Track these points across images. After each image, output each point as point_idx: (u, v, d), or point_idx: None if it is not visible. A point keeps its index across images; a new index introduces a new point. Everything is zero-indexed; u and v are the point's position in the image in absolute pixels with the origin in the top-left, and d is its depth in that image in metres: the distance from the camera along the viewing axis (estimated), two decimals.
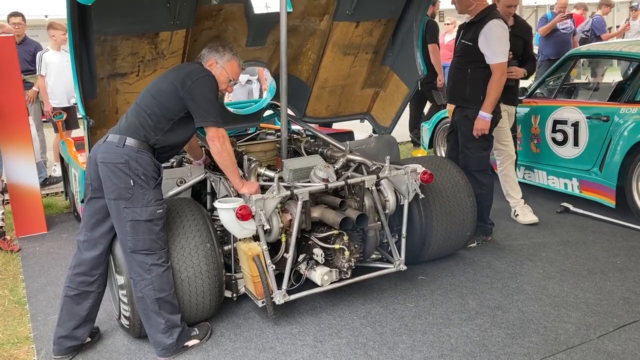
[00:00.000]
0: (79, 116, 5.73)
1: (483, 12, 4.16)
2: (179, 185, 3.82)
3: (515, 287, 3.77)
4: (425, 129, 6.95)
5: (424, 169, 3.65)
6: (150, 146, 3.08)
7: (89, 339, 3.27)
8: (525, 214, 4.91)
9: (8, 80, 5.05)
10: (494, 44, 4.08)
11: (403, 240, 3.69)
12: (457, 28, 4.72)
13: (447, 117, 6.59)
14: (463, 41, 4.25)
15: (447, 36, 9.59)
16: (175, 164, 4.29)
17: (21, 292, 4.10)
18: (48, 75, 6.61)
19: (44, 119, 7.08)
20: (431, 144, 6.85)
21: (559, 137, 5.30)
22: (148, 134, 3.07)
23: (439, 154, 6.74)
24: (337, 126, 6.10)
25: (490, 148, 4.44)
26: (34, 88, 6.72)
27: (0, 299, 3.99)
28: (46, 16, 10.91)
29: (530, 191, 5.64)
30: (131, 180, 2.96)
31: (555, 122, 5.31)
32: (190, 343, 3.20)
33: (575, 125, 5.11)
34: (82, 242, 3.14)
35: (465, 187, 4.05)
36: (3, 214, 4.99)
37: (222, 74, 3.27)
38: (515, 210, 4.97)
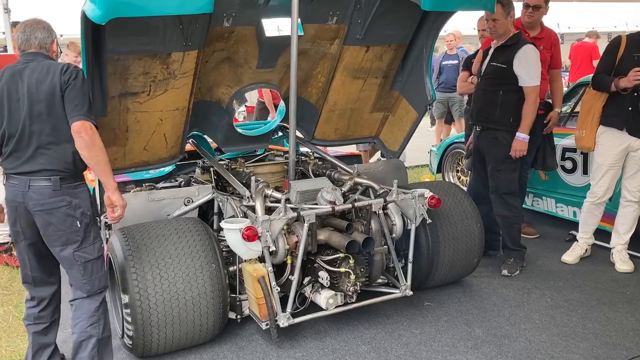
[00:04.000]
0: None
1: (514, 37, 4.27)
2: (186, 205, 3.83)
3: (522, 316, 3.72)
4: (434, 154, 6.95)
5: (431, 193, 3.64)
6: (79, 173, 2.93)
7: None
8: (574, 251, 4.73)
9: None
10: (530, 67, 4.19)
11: (409, 265, 3.66)
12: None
13: (457, 142, 6.60)
14: (495, 64, 4.30)
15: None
16: (183, 183, 4.31)
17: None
18: None
19: None
20: (439, 169, 6.84)
21: (568, 165, 5.28)
22: (73, 161, 2.85)
23: (447, 179, 6.72)
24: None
25: (518, 169, 4.44)
26: None
27: (4, 314, 3.98)
28: (61, 35, 11.07)
29: (538, 219, 5.60)
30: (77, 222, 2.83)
31: (565, 150, 5.29)
32: None
33: (585, 153, 5.08)
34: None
35: (472, 213, 4.03)
36: None
37: None
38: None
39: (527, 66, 4.17)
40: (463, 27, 9.97)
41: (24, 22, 3.02)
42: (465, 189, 5.22)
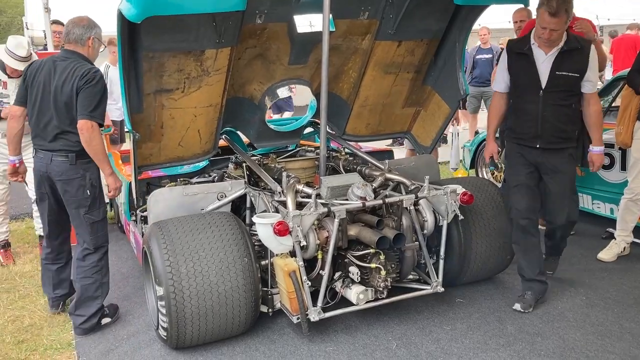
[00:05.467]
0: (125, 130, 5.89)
1: (569, 37, 3.63)
2: (219, 200, 3.89)
3: (556, 314, 3.66)
4: (467, 150, 6.87)
5: (464, 189, 3.61)
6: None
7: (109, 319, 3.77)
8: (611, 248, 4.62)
9: None
10: (597, 70, 3.76)
11: (441, 262, 3.64)
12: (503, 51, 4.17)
13: None
14: (565, 73, 3.59)
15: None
16: (216, 178, 4.38)
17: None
18: (112, 92, 6.35)
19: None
20: (472, 165, 6.76)
21: (606, 160, 5.15)
22: None
23: (480, 176, 6.65)
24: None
25: None
26: None
27: (45, 305, 4.11)
28: None
29: None
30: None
31: None
32: (105, 320, 3.72)
33: (623, 149, 4.96)
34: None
35: (505, 209, 3.97)
36: None
37: None
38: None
39: (595, 70, 3.70)
40: (494, 21, 9.78)
41: (71, 18, 3.65)
42: (499, 185, 5.16)
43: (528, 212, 3.75)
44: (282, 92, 4.10)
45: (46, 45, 6.16)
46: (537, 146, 3.70)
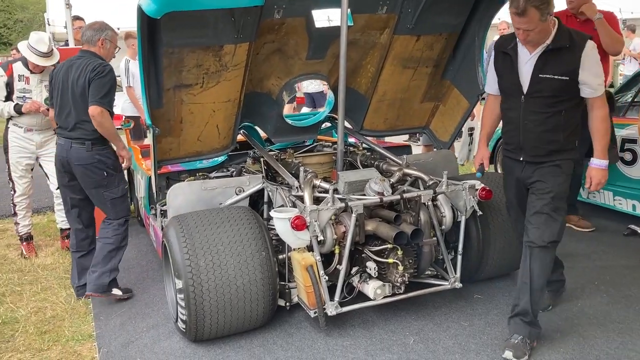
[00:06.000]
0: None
1: (561, 32, 3.06)
2: (237, 194, 3.91)
3: (575, 311, 3.63)
4: None
5: (482, 185, 3.59)
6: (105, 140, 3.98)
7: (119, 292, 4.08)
8: None
9: None
10: (597, 70, 3.11)
11: (459, 257, 3.62)
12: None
13: None
14: (548, 76, 3.07)
15: None
16: (234, 173, 4.41)
17: None
18: (135, 86, 6.47)
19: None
20: (491, 161, 6.70)
21: (628, 156, 5.08)
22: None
23: (500, 171, 6.59)
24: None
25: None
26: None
27: (67, 297, 4.19)
28: (118, 28, 11.39)
29: (595, 212, 5.42)
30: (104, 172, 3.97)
31: (624, 141, 5.10)
32: (115, 291, 4.04)
33: None
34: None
35: None
36: None
37: None
38: None
39: (594, 71, 3.07)
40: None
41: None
42: None
43: (520, 237, 3.35)
44: (315, 87, 4.12)
45: (67, 41, 6.23)
46: (521, 159, 3.25)
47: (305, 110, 9.69)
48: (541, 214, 3.14)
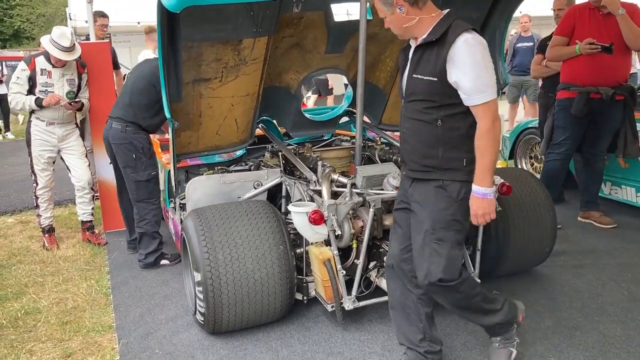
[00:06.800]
0: None
1: (441, 24, 2.55)
2: (255, 188, 3.93)
3: (596, 308, 3.59)
4: (506, 140, 6.75)
5: (502, 180, 3.55)
6: (142, 127, 4.44)
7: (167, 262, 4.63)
8: None
9: (101, 84, 5.36)
10: (475, 70, 2.48)
11: (477, 253, 3.60)
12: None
13: (530, 127, 6.38)
14: (419, 76, 2.61)
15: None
16: (253, 167, 4.42)
17: (106, 284, 4.35)
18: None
19: None
20: (511, 156, 6.64)
21: None
22: (138, 119, 4.41)
23: (520, 166, 6.53)
24: None
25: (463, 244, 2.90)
26: None
27: (88, 288, 4.25)
28: (139, 22, 11.48)
29: (616, 208, 5.35)
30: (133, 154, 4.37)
31: None
32: (162, 262, 4.58)
33: None
34: None
35: (545, 201, 3.90)
36: (93, 209, 5.31)
37: None
38: None
39: (467, 71, 2.47)
40: (536, 8, 9.54)
41: None
42: (538, 176, 5.06)
43: (396, 259, 2.89)
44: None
45: (88, 35, 6.28)
46: (404, 173, 2.85)
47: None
48: (422, 248, 2.65)
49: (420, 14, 2.58)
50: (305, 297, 3.59)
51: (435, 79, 2.53)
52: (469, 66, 2.47)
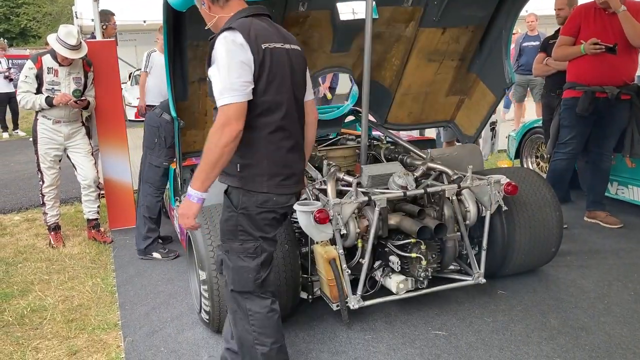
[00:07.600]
0: None
1: (217, 24, 2.52)
2: None
3: (602, 309, 3.57)
4: (512, 139, 6.73)
5: (508, 180, 3.54)
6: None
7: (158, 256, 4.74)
8: None
9: (108, 83, 5.37)
10: (219, 72, 2.32)
11: (483, 253, 3.59)
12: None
13: (536, 126, 6.36)
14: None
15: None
16: None
17: (112, 282, 4.36)
18: (151, 75, 6.56)
19: (138, 119, 7.36)
20: (517, 155, 6.62)
21: None
22: None
23: (525, 166, 6.51)
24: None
25: (260, 256, 2.64)
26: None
27: (93, 286, 4.26)
28: (144, 21, 11.50)
29: (622, 208, 5.32)
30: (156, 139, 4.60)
31: None
32: (155, 254, 4.70)
33: None
34: None
35: (551, 200, 3.88)
36: (98, 207, 5.33)
37: None
38: None
39: (214, 72, 2.35)
40: (542, 7, 9.49)
41: None
42: (544, 175, 5.04)
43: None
44: None
45: (94, 33, 6.30)
46: None
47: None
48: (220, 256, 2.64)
49: (221, 13, 2.51)
50: (310, 296, 3.59)
51: (207, 79, 2.43)
52: (214, 66, 2.35)
